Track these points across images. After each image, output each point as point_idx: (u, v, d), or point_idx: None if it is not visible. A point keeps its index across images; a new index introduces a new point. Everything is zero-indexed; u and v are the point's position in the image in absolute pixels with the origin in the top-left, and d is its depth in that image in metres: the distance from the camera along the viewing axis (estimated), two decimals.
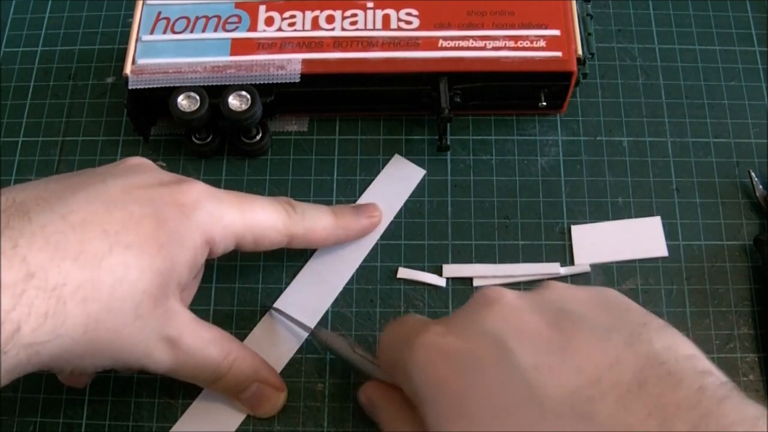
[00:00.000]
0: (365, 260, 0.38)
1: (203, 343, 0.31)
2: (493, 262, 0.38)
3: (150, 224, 0.28)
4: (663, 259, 0.38)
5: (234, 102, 0.37)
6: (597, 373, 0.23)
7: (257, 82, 0.38)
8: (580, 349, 0.24)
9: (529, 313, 0.25)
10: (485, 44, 0.38)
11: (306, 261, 0.38)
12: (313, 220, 0.35)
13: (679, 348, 0.23)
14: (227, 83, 0.38)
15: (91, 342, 0.27)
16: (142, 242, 0.28)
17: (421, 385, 0.26)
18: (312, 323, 0.36)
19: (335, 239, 0.36)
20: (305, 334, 0.36)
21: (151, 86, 0.38)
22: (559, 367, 0.23)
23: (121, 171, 0.31)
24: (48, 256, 0.25)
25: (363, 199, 0.39)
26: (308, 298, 0.37)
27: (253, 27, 0.39)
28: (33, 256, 0.25)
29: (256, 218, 0.32)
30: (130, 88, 0.38)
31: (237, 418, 0.34)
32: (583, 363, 0.23)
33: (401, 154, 0.40)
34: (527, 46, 0.38)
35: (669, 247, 0.38)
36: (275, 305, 0.36)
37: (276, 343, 0.36)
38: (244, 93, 0.38)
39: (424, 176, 0.40)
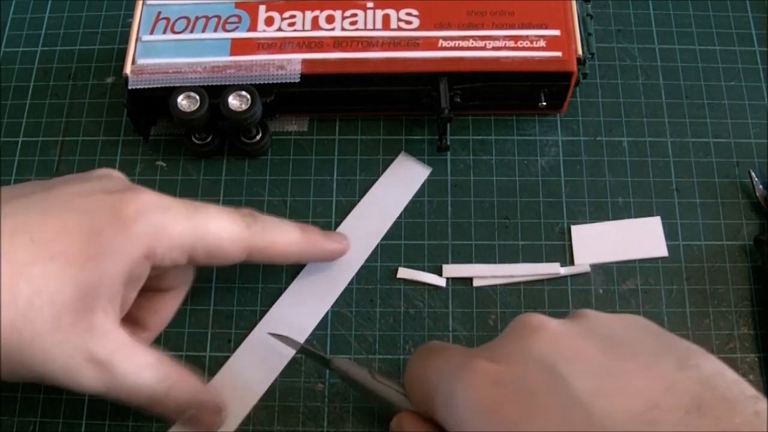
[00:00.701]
0: (365, 260, 0.38)
1: (137, 367, 0.29)
2: (493, 262, 0.38)
3: (81, 235, 0.28)
4: (663, 259, 0.38)
5: (234, 102, 0.37)
6: (655, 396, 0.22)
7: (257, 82, 0.38)
8: (634, 373, 0.23)
9: (578, 338, 0.25)
10: (485, 44, 0.38)
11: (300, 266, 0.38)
12: (275, 234, 0.33)
13: (726, 373, 0.23)
14: (227, 83, 0.38)
15: (12, 351, 0.26)
16: (69, 253, 0.27)
17: (471, 416, 0.24)
18: (300, 339, 0.35)
19: (299, 255, 0.35)
20: (288, 357, 0.35)
21: (151, 86, 0.38)
22: (616, 392, 0.23)
23: (79, 179, 0.30)
24: None
25: (368, 198, 0.39)
26: (303, 308, 0.36)
27: (253, 27, 0.39)
28: None
29: (208, 229, 0.31)
30: (130, 88, 0.38)
31: (237, 419, 0.34)
32: (640, 387, 0.23)
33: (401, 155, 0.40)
34: (527, 46, 0.38)
35: (669, 247, 0.38)
36: (268, 331, 0.36)
37: (265, 359, 0.35)
38: (244, 93, 0.38)
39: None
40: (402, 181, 0.39)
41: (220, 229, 0.31)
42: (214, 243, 0.31)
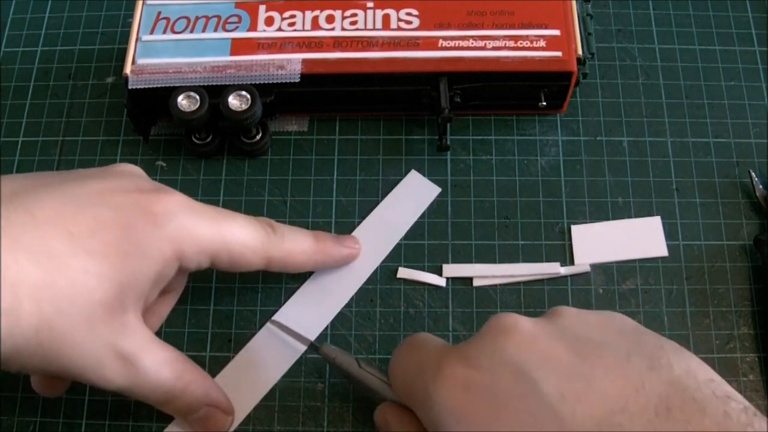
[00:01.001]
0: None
1: (158, 363, 0.29)
2: (493, 261, 0.38)
3: (117, 231, 0.28)
4: (663, 259, 0.38)
5: (234, 102, 0.37)
6: (623, 398, 0.23)
7: (257, 82, 0.38)
8: (603, 374, 0.23)
9: (549, 340, 0.25)
10: (485, 44, 0.38)
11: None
12: (293, 243, 0.34)
13: (698, 373, 0.23)
14: (227, 83, 0.38)
15: (41, 345, 0.26)
16: (106, 249, 0.27)
17: (443, 417, 0.25)
18: (311, 337, 0.35)
19: (313, 264, 0.35)
20: (302, 350, 0.35)
21: (151, 86, 0.38)
22: (585, 395, 0.23)
23: (104, 174, 0.30)
24: (5, 247, 0.25)
25: (376, 213, 0.39)
26: (308, 314, 0.36)
27: (253, 27, 0.39)
28: None
29: (233, 235, 0.31)
30: (130, 88, 0.38)
31: (237, 418, 0.34)
32: (609, 389, 0.23)
33: (401, 155, 0.40)
34: (527, 46, 0.38)
35: (669, 247, 0.38)
36: (274, 318, 0.36)
37: (271, 358, 0.35)
38: (244, 93, 0.38)
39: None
40: (411, 198, 0.39)
41: (244, 237, 0.32)
42: (237, 251, 0.31)
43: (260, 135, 0.40)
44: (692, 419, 0.22)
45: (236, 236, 0.31)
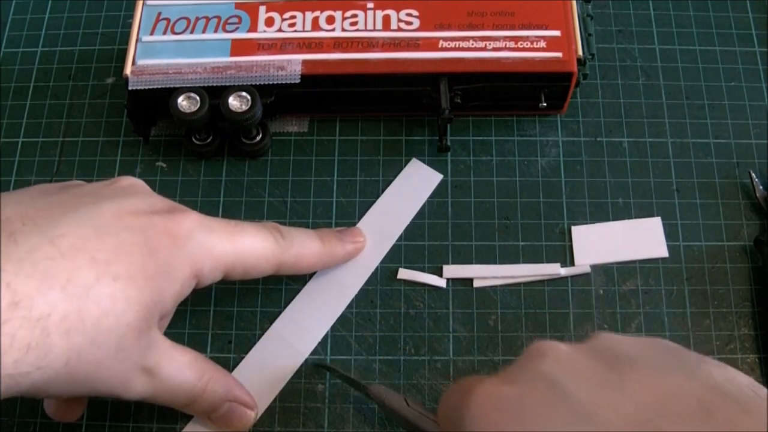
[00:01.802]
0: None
1: (179, 368, 0.30)
2: (494, 262, 0.38)
3: (140, 254, 0.27)
4: (663, 259, 0.38)
5: (234, 103, 0.37)
6: (661, 403, 0.22)
7: (257, 83, 0.38)
8: (639, 383, 0.23)
9: (585, 358, 0.25)
10: (485, 45, 0.38)
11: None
12: (301, 247, 0.34)
13: (740, 379, 0.23)
14: (227, 84, 0.38)
15: (71, 374, 0.26)
16: (131, 273, 0.27)
17: None
18: (311, 346, 0.36)
19: (321, 265, 0.36)
20: (307, 353, 0.35)
21: (151, 87, 0.38)
22: (620, 402, 0.22)
23: (113, 193, 0.30)
24: (35, 284, 0.24)
25: (380, 202, 0.39)
26: (312, 316, 0.37)
27: (253, 28, 0.39)
28: (19, 283, 0.24)
29: (246, 248, 0.31)
30: (130, 88, 0.38)
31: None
32: (645, 396, 0.22)
33: (401, 155, 0.40)
34: (527, 46, 0.38)
35: (669, 247, 0.38)
36: (311, 358, 0.36)
37: (274, 365, 0.36)
38: (244, 94, 0.38)
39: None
40: (414, 186, 0.39)
41: (257, 248, 0.32)
42: (251, 262, 0.32)
43: (260, 136, 0.40)
44: (737, 420, 0.21)
45: (249, 248, 0.32)
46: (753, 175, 0.39)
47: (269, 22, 0.39)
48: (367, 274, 0.37)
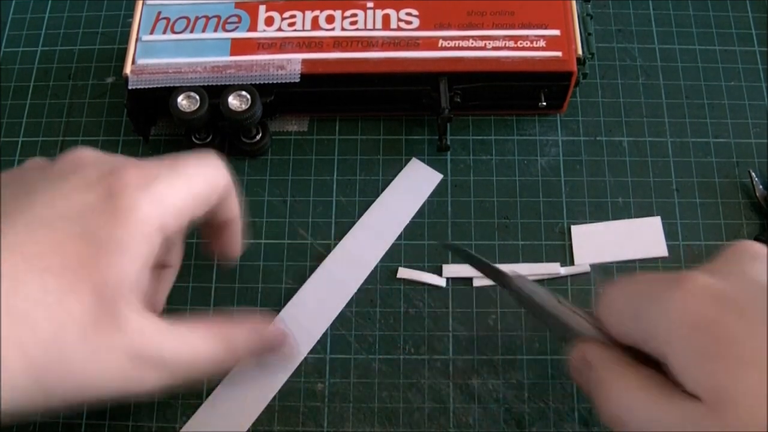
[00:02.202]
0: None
1: (184, 344, 0.28)
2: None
3: (75, 240, 0.26)
4: (663, 259, 0.38)
5: (234, 102, 0.37)
6: None
7: (257, 82, 0.38)
8: None
9: None
10: (485, 44, 0.38)
11: (307, 263, 0.38)
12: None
13: None
14: (227, 83, 0.38)
15: (39, 384, 0.24)
16: (69, 263, 0.25)
17: (683, 329, 0.23)
18: (310, 345, 0.35)
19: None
20: (302, 356, 0.35)
21: (151, 86, 0.38)
22: None
23: (52, 176, 0.28)
24: None
25: (379, 202, 0.39)
26: (313, 311, 0.36)
27: (253, 27, 0.39)
28: None
29: (193, 177, 0.29)
30: (130, 88, 0.38)
31: (249, 418, 0.34)
32: None
33: (401, 155, 0.40)
34: (527, 46, 0.38)
35: (669, 247, 0.38)
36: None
37: (274, 363, 0.35)
38: (244, 93, 0.38)
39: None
40: (413, 186, 0.39)
41: (207, 175, 0.31)
42: (205, 192, 0.30)
43: (260, 135, 0.40)
44: None
45: (196, 176, 0.30)
46: (753, 174, 0.39)
47: (269, 21, 0.39)
48: (367, 273, 0.37)
